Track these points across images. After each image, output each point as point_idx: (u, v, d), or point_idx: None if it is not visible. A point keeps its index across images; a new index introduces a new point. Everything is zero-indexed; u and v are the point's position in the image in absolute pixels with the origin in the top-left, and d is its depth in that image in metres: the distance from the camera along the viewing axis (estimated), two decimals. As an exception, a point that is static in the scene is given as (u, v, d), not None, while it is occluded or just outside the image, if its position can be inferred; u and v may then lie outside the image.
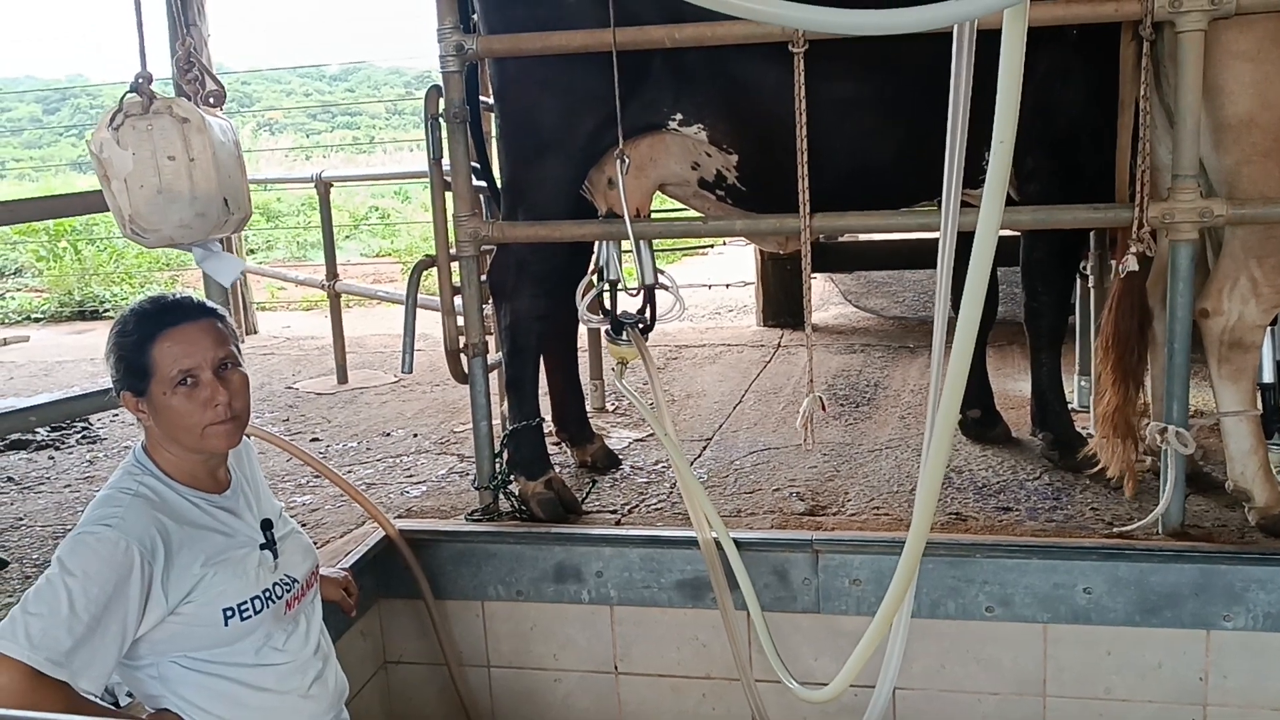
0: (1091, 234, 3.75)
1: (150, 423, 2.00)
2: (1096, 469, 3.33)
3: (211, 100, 2.14)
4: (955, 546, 2.92)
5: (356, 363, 5.97)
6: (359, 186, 13.54)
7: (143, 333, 1.97)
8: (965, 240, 1.86)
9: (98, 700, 1.93)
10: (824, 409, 3.09)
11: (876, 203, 3.28)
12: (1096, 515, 3.16)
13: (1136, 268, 2.90)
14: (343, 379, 5.66)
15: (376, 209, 14.48)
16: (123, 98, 2.04)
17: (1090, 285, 3.95)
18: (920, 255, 5.99)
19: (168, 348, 1.96)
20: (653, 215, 3.63)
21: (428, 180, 3.48)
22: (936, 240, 3.51)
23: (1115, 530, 3.01)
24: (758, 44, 3.03)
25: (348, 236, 12.46)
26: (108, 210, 2.47)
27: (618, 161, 3.00)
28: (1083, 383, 4.16)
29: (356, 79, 36.94)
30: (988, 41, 1.71)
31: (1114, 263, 3.48)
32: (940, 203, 2.57)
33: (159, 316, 1.99)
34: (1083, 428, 3.76)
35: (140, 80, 2.03)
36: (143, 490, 1.98)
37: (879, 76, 3.21)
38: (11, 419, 3.00)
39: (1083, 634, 2.88)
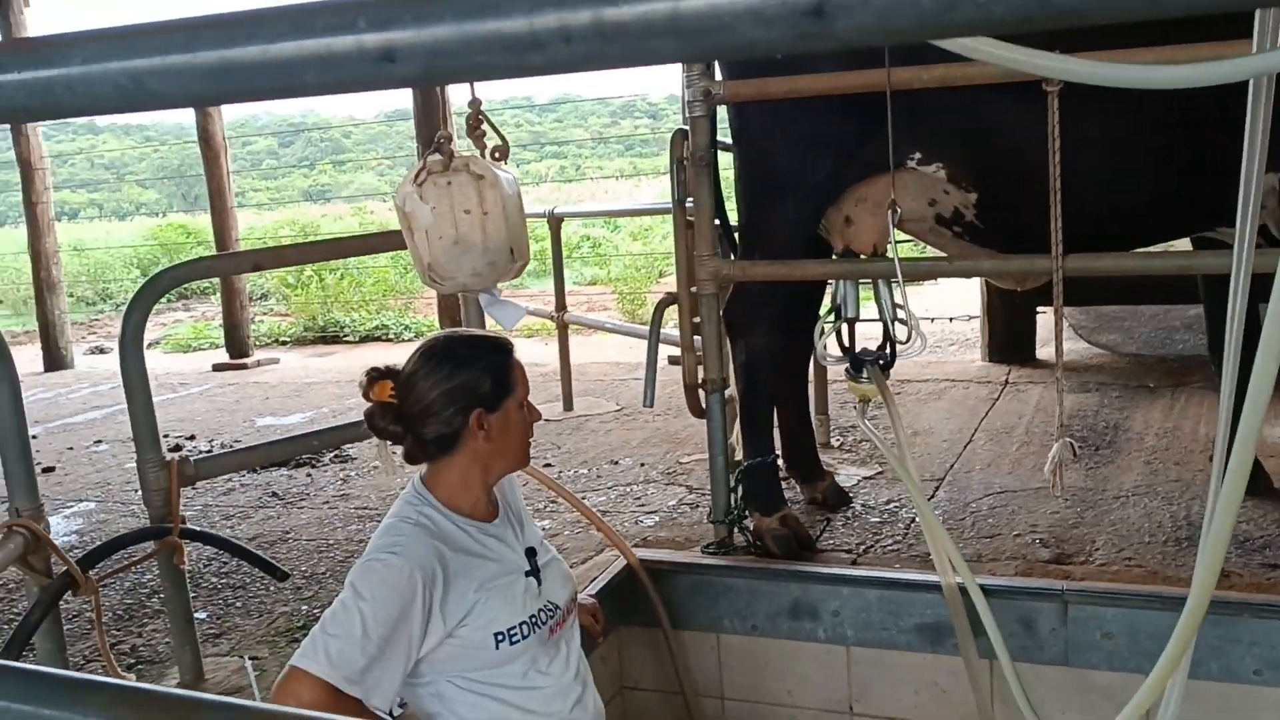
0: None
1: (484, 441, 2.12)
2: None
3: (496, 155, 2.29)
4: (1221, 605, 2.77)
5: (579, 390, 6.16)
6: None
7: (503, 354, 2.16)
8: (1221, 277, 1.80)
9: (384, 716, 2.07)
10: (1074, 455, 3.00)
11: (1119, 241, 3.18)
12: (1378, 577, 2.94)
13: None
14: (568, 406, 5.85)
15: (588, 239, 14.89)
16: (426, 155, 2.22)
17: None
18: (1157, 289, 5.70)
19: (519, 370, 2.17)
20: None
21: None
22: (1174, 275, 3.34)
23: (1403, 594, 2.80)
24: (1003, 83, 2.99)
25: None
26: (383, 251, 2.68)
27: (889, 212, 3.03)
28: (1353, 431, 3.87)
29: (564, 109, 38.10)
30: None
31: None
32: (1219, 239, 2.46)
33: (501, 343, 2.19)
34: (1355, 480, 3.50)
35: (441, 140, 2.20)
36: (422, 520, 2.12)
37: (1129, 114, 3.11)
38: (297, 443, 3.27)
39: (1365, 704, 2.69)
